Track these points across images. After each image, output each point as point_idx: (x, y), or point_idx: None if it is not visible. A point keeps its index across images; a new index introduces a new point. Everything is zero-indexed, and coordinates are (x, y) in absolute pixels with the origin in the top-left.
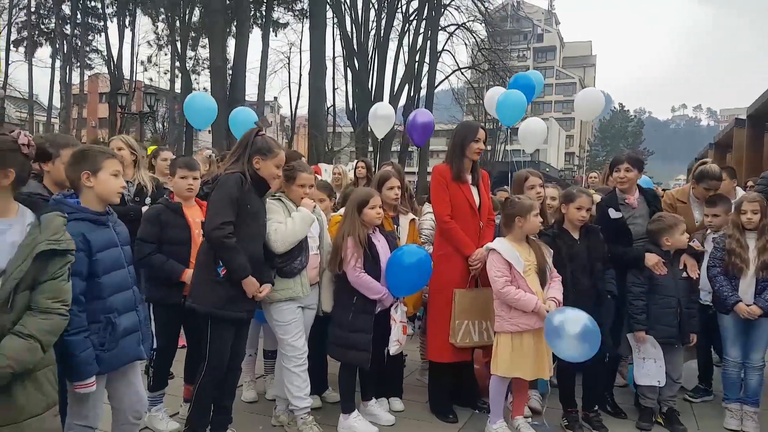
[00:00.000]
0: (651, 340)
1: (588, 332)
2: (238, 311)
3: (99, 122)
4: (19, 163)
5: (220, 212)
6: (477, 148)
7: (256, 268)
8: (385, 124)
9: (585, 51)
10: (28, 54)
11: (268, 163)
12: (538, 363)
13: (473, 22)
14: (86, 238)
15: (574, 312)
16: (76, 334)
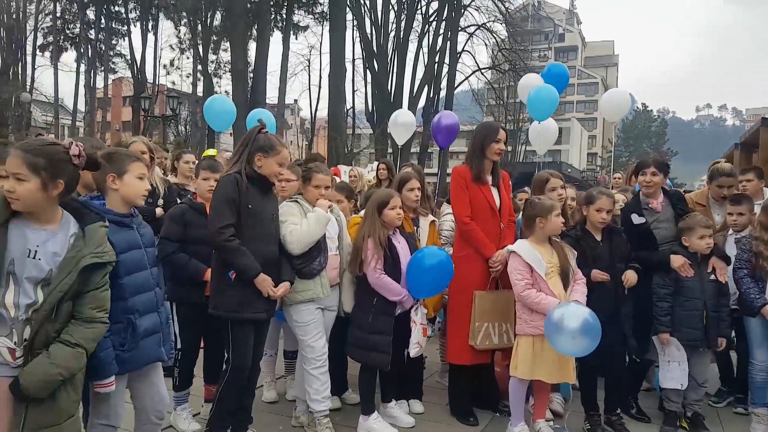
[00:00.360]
0: (675, 342)
1: (588, 327)
2: (256, 312)
3: (122, 125)
4: (68, 173)
5: (218, 216)
6: (497, 148)
7: (268, 268)
8: (405, 132)
9: (607, 50)
10: (53, 58)
11: (270, 161)
12: (560, 366)
13: (494, 22)
14: (109, 239)
15: (575, 306)
16: None
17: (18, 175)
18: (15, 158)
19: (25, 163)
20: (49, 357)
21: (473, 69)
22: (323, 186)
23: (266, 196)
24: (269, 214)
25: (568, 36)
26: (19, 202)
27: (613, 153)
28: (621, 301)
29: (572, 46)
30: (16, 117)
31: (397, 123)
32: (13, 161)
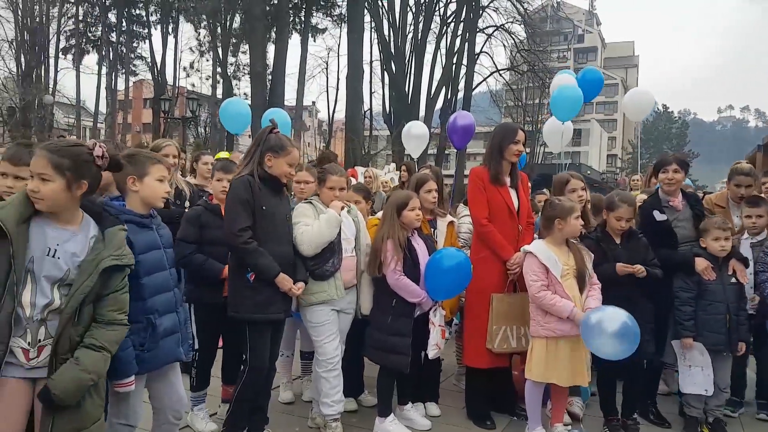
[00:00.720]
0: (699, 347)
1: (627, 331)
2: (275, 313)
3: (143, 127)
4: (92, 174)
5: (235, 219)
6: (516, 150)
7: (284, 268)
8: (419, 144)
9: (627, 51)
10: (75, 61)
11: (280, 161)
12: (574, 369)
13: (512, 23)
14: (129, 240)
15: (613, 310)
16: None
17: (43, 175)
18: (40, 158)
19: (51, 164)
20: (78, 363)
21: (491, 70)
22: (338, 188)
23: (279, 196)
24: (282, 214)
25: (588, 37)
26: (44, 202)
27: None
28: (639, 304)
29: (592, 47)
30: (39, 119)
31: (411, 135)
32: (39, 161)
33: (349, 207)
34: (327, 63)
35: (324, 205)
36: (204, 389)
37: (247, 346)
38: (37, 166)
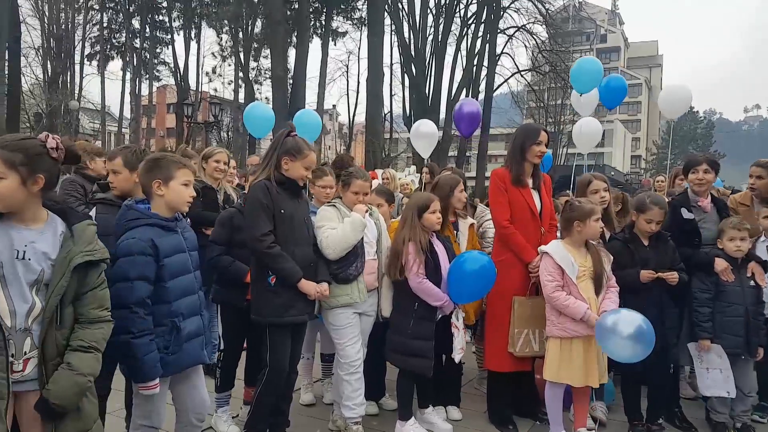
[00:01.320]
0: (716, 349)
1: (642, 333)
2: (296, 315)
3: (167, 132)
4: (47, 168)
5: (256, 224)
6: (538, 151)
7: (305, 270)
8: (428, 143)
9: (651, 51)
10: (100, 67)
11: (296, 164)
12: (587, 370)
13: (533, 24)
14: (154, 243)
15: (628, 313)
16: (141, 337)
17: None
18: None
19: (2, 160)
20: (72, 368)
21: (513, 71)
22: (362, 192)
23: (297, 199)
24: (301, 216)
25: (611, 37)
26: (0, 202)
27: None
28: (667, 309)
29: (614, 47)
30: (65, 124)
31: (419, 134)
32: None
33: (371, 210)
34: (347, 66)
35: (347, 209)
36: (228, 390)
37: (267, 348)
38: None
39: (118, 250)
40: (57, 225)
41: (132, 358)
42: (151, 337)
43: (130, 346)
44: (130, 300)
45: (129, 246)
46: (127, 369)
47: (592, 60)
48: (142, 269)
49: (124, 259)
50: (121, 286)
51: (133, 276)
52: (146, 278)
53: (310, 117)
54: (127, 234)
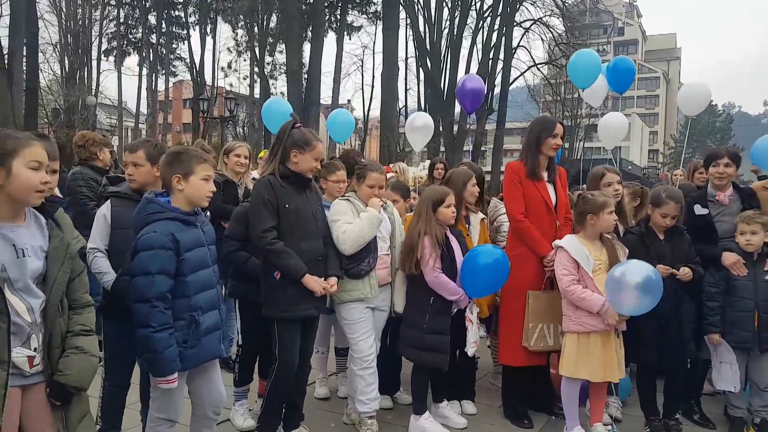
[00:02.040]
0: (725, 343)
1: (650, 283)
2: (305, 310)
3: (183, 127)
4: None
5: (258, 220)
6: (554, 143)
7: (313, 265)
8: (423, 136)
9: (669, 44)
10: (117, 63)
11: (306, 156)
12: (606, 365)
13: (550, 16)
14: (175, 237)
15: (638, 263)
16: (161, 331)
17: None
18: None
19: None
20: (85, 351)
21: (529, 64)
22: (377, 185)
23: (304, 192)
24: (309, 210)
25: (628, 30)
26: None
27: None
28: (681, 302)
29: (632, 40)
30: (82, 120)
31: (414, 126)
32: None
33: (385, 204)
34: (362, 61)
35: (361, 202)
36: (246, 385)
37: (276, 342)
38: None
39: (138, 244)
40: (38, 217)
41: (151, 353)
42: (170, 332)
43: (150, 341)
44: (150, 294)
45: (150, 240)
46: (146, 363)
47: (587, 53)
48: (164, 263)
49: (145, 253)
50: (141, 280)
51: (154, 270)
52: (167, 272)
53: (345, 117)
54: (148, 228)
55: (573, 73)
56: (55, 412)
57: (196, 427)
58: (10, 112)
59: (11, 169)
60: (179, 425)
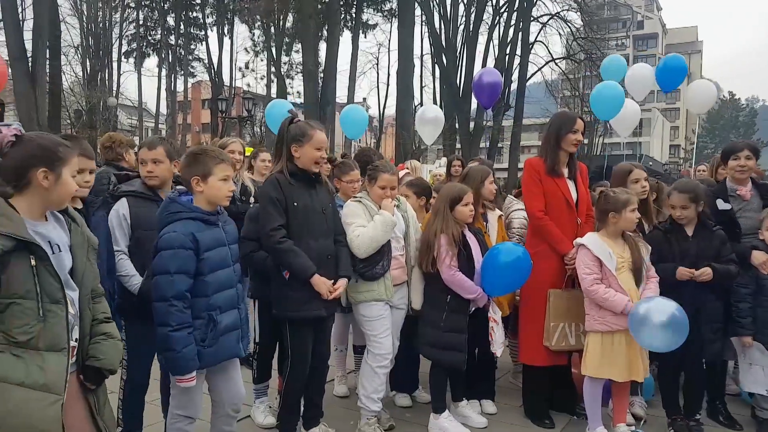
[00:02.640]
0: (758, 345)
1: (676, 321)
2: (314, 310)
3: (202, 127)
4: None
5: (267, 219)
6: (574, 139)
7: (323, 263)
8: (433, 129)
9: (690, 37)
10: (137, 64)
11: (305, 149)
12: (631, 364)
13: (568, 11)
14: (195, 237)
15: (661, 300)
16: (179, 330)
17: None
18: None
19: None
20: (112, 336)
21: (546, 60)
22: (389, 186)
23: (314, 189)
24: (318, 208)
25: (648, 23)
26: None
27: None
28: (707, 303)
29: (652, 34)
30: (104, 121)
31: (424, 119)
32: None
33: (399, 201)
34: (377, 59)
35: (373, 203)
36: (266, 381)
37: (287, 341)
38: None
39: (159, 243)
40: (54, 214)
41: (170, 351)
42: (189, 331)
43: (169, 339)
44: (169, 293)
45: (170, 239)
46: (165, 361)
47: (610, 86)
48: (183, 263)
49: (165, 252)
50: (161, 278)
51: (174, 269)
52: (186, 272)
53: (357, 113)
54: (169, 227)
55: (596, 104)
56: (89, 397)
57: (216, 424)
58: (34, 114)
59: (61, 175)
60: (201, 422)
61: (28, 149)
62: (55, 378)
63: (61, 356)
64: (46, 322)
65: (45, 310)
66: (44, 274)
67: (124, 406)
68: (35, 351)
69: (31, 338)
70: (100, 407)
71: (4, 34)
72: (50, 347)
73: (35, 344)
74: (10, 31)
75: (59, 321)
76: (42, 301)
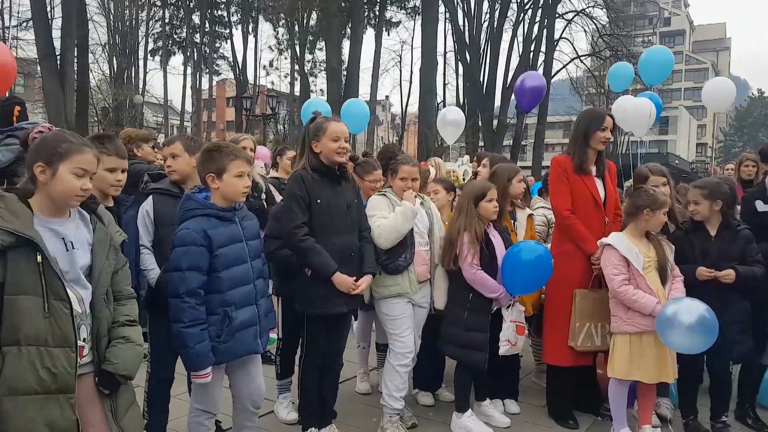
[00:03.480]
0: None
1: (705, 323)
2: (335, 307)
3: (226, 125)
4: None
5: (289, 216)
6: (603, 137)
7: (347, 260)
8: (454, 130)
9: (718, 34)
10: (162, 62)
11: (323, 142)
12: (659, 365)
13: (593, 7)
14: (207, 234)
15: (690, 301)
16: (192, 327)
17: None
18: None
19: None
20: (131, 340)
21: (571, 56)
22: (410, 178)
23: (338, 186)
24: (342, 204)
25: (675, 20)
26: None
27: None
28: (732, 303)
29: (679, 30)
30: (130, 118)
31: (446, 120)
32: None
33: (422, 198)
34: (400, 56)
35: (397, 197)
36: (289, 377)
37: (304, 336)
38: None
39: (174, 240)
40: (81, 212)
41: (183, 347)
42: (202, 327)
43: (182, 335)
44: (181, 290)
45: (183, 236)
46: (181, 357)
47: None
48: (195, 260)
49: (178, 249)
50: (174, 275)
51: (185, 266)
52: (198, 269)
53: (358, 106)
54: (183, 224)
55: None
56: (104, 401)
57: (238, 420)
58: (63, 111)
59: (57, 171)
60: (224, 416)
61: (34, 146)
62: (65, 377)
63: (69, 353)
64: (52, 319)
65: (50, 307)
66: (49, 270)
67: (150, 399)
68: (44, 348)
69: (39, 335)
70: (118, 413)
71: (33, 32)
72: (59, 344)
73: (44, 341)
74: (39, 29)
75: (65, 318)
76: (47, 298)
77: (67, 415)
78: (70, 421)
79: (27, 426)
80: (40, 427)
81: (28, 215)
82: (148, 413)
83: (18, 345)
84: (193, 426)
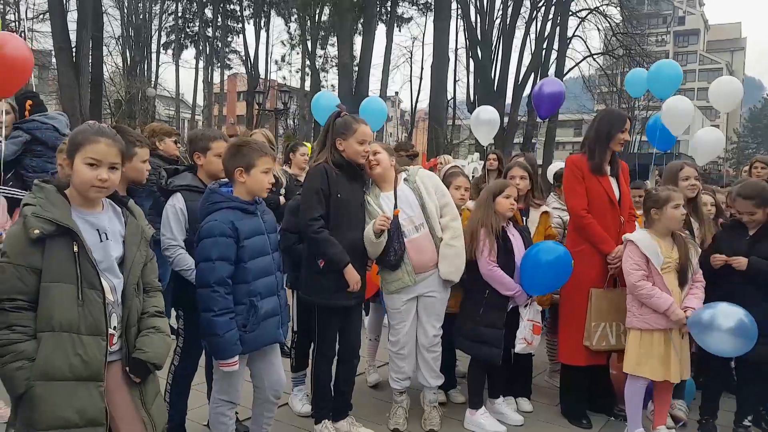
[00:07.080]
0: None
1: (744, 327)
2: (344, 299)
3: (237, 119)
4: None
5: (308, 208)
6: (623, 138)
7: (356, 253)
8: (489, 129)
9: (733, 33)
10: (175, 56)
11: (349, 142)
12: (667, 365)
13: (607, 5)
14: (234, 225)
15: (727, 306)
16: (222, 315)
17: (116, 164)
18: (114, 148)
19: (120, 152)
20: (161, 330)
21: (584, 55)
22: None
23: (355, 182)
24: (358, 200)
25: (689, 19)
26: (107, 191)
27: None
28: (751, 301)
29: (693, 30)
30: (142, 111)
31: (480, 120)
32: (113, 150)
33: (407, 173)
34: (411, 53)
35: (376, 187)
36: (303, 370)
37: (315, 328)
38: (111, 155)
39: (201, 232)
40: (113, 205)
41: (213, 336)
42: (231, 316)
43: (212, 324)
44: (211, 279)
45: (211, 228)
46: (209, 346)
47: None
48: (223, 250)
49: (206, 240)
50: (203, 266)
51: (215, 257)
52: (227, 259)
53: (376, 104)
54: (210, 216)
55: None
56: (133, 388)
57: (258, 410)
58: (77, 103)
59: (74, 162)
60: (243, 408)
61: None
62: (95, 364)
63: (100, 341)
64: (85, 307)
65: (84, 295)
66: (85, 259)
67: (172, 390)
68: (77, 335)
69: (72, 322)
70: (147, 401)
71: (49, 24)
72: (91, 332)
73: (77, 328)
74: (56, 22)
75: (97, 306)
76: (81, 286)
77: (96, 402)
78: (98, 409)
79: (57, 412)
80: (71, 414)
81: (66, 206)
82: (168, 403)
83: (52, 331)
84: (215, 416)
